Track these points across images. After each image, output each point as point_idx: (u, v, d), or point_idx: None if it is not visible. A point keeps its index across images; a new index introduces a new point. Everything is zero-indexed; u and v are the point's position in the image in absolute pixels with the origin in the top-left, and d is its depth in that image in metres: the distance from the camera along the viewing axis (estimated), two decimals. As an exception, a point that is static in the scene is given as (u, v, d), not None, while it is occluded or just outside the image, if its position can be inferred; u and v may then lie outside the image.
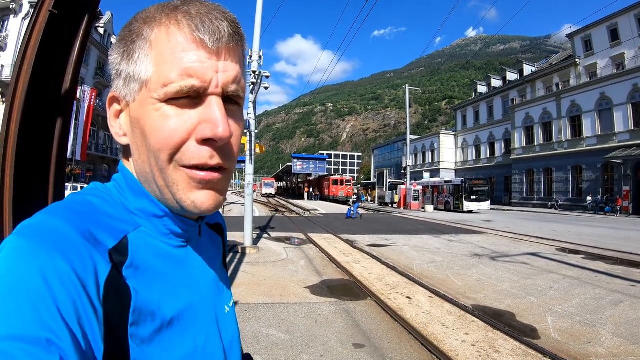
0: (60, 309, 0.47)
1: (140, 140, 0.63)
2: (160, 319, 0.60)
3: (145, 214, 0.67)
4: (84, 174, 38.74)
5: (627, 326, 5.69)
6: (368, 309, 6.37)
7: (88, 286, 0.51)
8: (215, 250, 0.85)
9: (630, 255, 11.60)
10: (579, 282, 8.26)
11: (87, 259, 0.52)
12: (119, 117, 0.68)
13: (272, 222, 20.33)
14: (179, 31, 0.59)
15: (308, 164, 52.24)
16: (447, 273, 9.09)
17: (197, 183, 0.62)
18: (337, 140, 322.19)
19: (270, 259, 10.31)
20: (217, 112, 0.60)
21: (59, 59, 1.45)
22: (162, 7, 0.63)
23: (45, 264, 0.48)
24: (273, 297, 6.90)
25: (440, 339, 5.14)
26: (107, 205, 0.64)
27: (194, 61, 0.59)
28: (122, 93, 0.65)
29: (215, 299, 0.76)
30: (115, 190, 0.69)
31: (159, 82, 0.59)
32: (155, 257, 0.65)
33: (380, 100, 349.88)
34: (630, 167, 32.90)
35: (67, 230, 0.52)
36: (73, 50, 1.48)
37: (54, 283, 0.47)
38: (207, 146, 0.60)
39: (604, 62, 40.54)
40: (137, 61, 0.61)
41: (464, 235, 16.81)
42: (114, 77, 0.66)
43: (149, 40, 0.61)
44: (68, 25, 1.44)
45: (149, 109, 0.61)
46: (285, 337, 5.15)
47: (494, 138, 56.26)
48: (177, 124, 0.59)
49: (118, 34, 0.68)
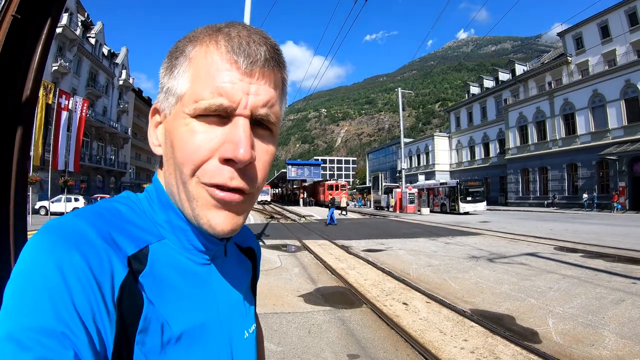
0: (76, 305, 0.49)
1: (169, 152, 0.65)
2: (168, 333, 0.60)
3: (171, 227, 0.68)
4: (78, 185, 38.41)
5: (631, 326, 5.51)
6: (363, 317, 6.16)
7: (104, 287, 0.52)
8: (243, 273, 0.84)
9: (629, 251, 11.46)
10: (579, 282, 8.10)
11: (105, 261, 0.54)
12: (157, 128, 0.70)
13: (267, 229, 20.10)
14: (216, 50, 0.61)
15: (302, 169, 52.34)
16: (444, 277, 8.90)
17: (215, 202, 0.62)
18: (331, 146, 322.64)
19: (263, 267, 10.09)
20: (241, 133, 0.60)
21: (22, 66, 1.35)
22: (208, 28, 0.65)
23: (63, 261, 0.50)
24: (265, 307, 6.69)
25: (438, 346, 4.95)
26: (133, 214, 0.66)
27: (226, 81, 0.60)
28: (162, 106, 0.67)
29: (233, 322, 0.74)
30: (146, 201, 0.70)
31: (191, 97, 0.61)
32: (174, 271, 0.65)
33: (374, 105, 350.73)
34: (625, 163, 33.03)
35: (88, 232, 0.55)
36: (34, 55, 1.37)
37: (71, 279, 0.49)
38: (229, 166, 0.61)
39: (596, 59, 40.84)
40: (176, 76, 0.64)
41: (461, 237, 16.65)
42: (160, 90, 0.69)
43: (189, 57, 0.64)
44: (31, 30, 1.34)
45: (179, 122, 0.63)
46: (277, 349, 4.95)
47: (488, 139, 56.46)
48: (202, 141, 0.60)
49: (169, 50, 0.70)
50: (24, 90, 1.36)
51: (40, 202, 31.09)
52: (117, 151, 52.48)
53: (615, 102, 35.19)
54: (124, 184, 54.66)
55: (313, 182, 58.53)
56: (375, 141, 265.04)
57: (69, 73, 39.11)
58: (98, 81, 47.88)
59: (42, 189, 31.22)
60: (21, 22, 1.26)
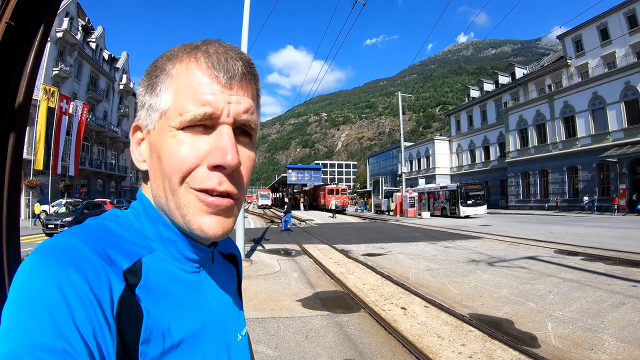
0: (76, 321, 0.49)
1: (156, 164, 0.67)
2: (169, 341, 0.61)
3: (160, 239, 0.69)
4: (78, 189, 38.47)
5: (631, 329, 5.47)
6: (361, 322, 6.12)
7: (103, 302, 0.53)
8: (229, 279, 0.86)
9: (629, 254, 11.41)
10: (578, 285, 8.05)
11: (103, 276, 0.54)
12: (140, 144, 0.72)
13: (266, 234, 20.09)
14: (196, 67, 0.65)
15: (303, 174, 52.37)
16: (443, 281, 8.86)
17: (205, 207, 0.64)
18: (332, 150, 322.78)
19: (262, 271, 10.07)
20: (226, 141, 0.63)
21: (16, 72, 1.34)
22: (185, 46, 0.69)
23: (62, 278, 0.50)
24: (263, 312, 6.66)
25: (436, 351, 4.90)
26: (123, 230, 0.66)
27: (208, 92, 0.64)
28: (145, 122, 0.70)
29: (226, 326, 0.76)
30: (133, 217, 0.71)
31: (175, 111, 0.64)
32: (168, 281, 0.66)
33: (374, 109, 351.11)
34: (625, 165, 32.97)
35: (83, 249, 0.55)
36: (28, 61, 1.36)
37: (70, 296, 0.50)
38: (217, 172, 0.63)
39: (595, 61, 40.79)
40: (158, 93, 0.67)
41: (461, 241, 16.60)
42: (139, 108, 0.72)
43: (170, 74, 0.67)
44: (24, 36, 1.34)
45: (165, 135, 0.65)
46: (273, 354, 4.91)
47: (488, 142, 56.42)
48: (190, 150, 0.63)
49: (146, 70, 0.72)
50: (17, 96, 1.35)
51: (41, 206, 31.09)
52: (118, 155, 52.50)
53: (615, 105, 35.18)
54: (124, 188, 54.71)
55: (314, 186, 58.46)
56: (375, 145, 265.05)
57: (69, 77, 39.17)
58: (98, 85, 47.95)
59: (42, 193, 31.18)
60: (15, 29, 1.26)
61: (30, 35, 1.35)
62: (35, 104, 26.06)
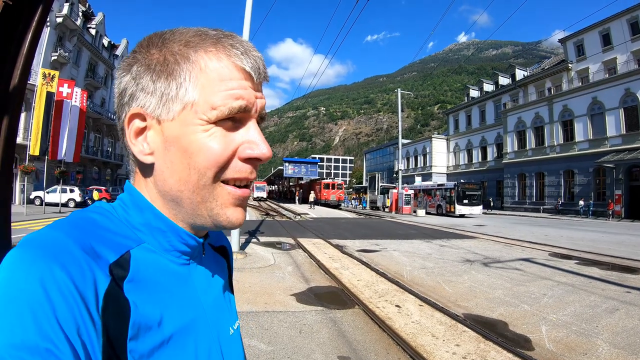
0: (59, 319, 0.48)
1: (178, 159, 0.64)
2: (160, 335, 0.60)
3: (149, 229, 0.67)
4: (74, 176, 38.13)
5: (624, 335, 5.48)
6: (355, 318, 6.11)
7: (87, 298, 0.51)
8: (220, 272, 0.83)
9: (623, 260, 11.48)
10: (573, 289, 8.07)
11: (87, 271, 0.53)
12: (141, 134, 0.67)
13: (261, 227, 20.05)
14: (229, 60, 0.65)
15: (299, 167, 52.26)
16: (438, 280, 8.86)
17: (234, 199, 0.66)
18: (329, 144, 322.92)
19: (257, 264, 10.04)
20: (258, 134, 0.67)
21: (12, 53, 1.28)
22: (204, 35, 0.66)
23: (44, 274, 0.48)
24: (257, 305, 6.63)
25: (430, 350, 4.89)
26: (109, 222, 0.64)
27: (243, 87, 0.65)
28: (156, 111, 0.65)
29: (218, 319, 0.74)
30: (120, 208, 0.69)
31: (207, 104, 0.63)
32: (157, 273, 0.65)
33: (373, 105, 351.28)
34: (622, 171, 33.09)
35: (67, 243, 0.54)
36: (24, 43, 1.30)
37: (53, 293, 0.48)
38: (249, 164, 0.67)
39: (596, 66, 40.84)
40: (182, 83, 0.64)
41: (456, 240, 16.62)
42: (137, 93, 0.66)
43: (198, 64, 0.64)
44: (22, 17, 1.28)
45: (194, 129, 0.63)
46: (267, 349, 4.88)
47: (486, 142, 56.49)
48: (226, 144, 0.64)
49: (146, 51, 0.67)
50: (12, 78, 1.30)
51: (35, 192, 30.95)
52: (114, 143, 52.15)
53: (614, 110, 35.29)
54: (120, 176, 54.43)
55: (309, 180, 58.38)
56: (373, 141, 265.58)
57: (68, 63, 38.77)
58: (97, 72, 47.57)
59: (37, 179, 31.01)
60: (12, 9, 1.20)
61: (27, 15, 1.30)
62: (32, 89, 25.85)
